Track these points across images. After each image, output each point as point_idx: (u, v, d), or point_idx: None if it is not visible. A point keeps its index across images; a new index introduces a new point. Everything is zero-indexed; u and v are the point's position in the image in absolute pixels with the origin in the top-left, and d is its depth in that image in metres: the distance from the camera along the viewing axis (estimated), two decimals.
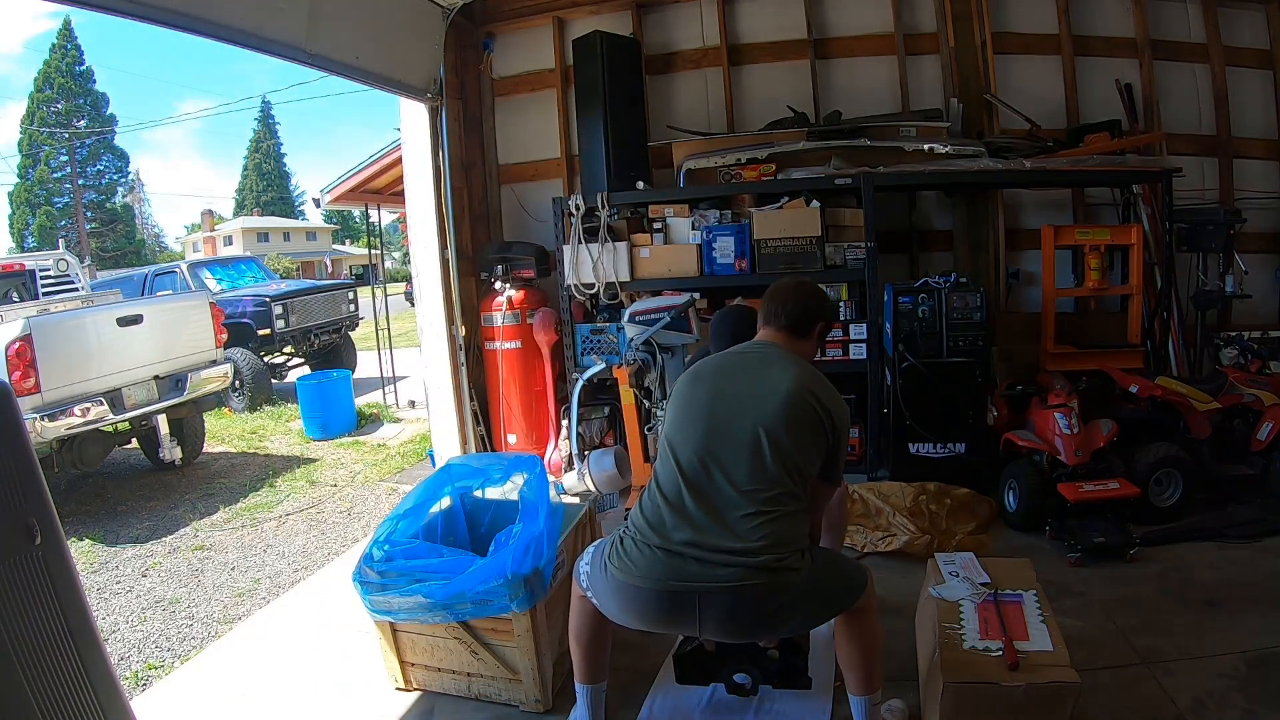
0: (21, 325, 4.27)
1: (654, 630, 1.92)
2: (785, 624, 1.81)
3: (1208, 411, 3.33)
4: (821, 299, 2.06)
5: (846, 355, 3.89)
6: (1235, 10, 4.19)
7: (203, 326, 5.50)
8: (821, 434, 1.81)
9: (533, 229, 4.73)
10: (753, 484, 1.73)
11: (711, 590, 1.69)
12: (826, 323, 2.03)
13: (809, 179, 3.87)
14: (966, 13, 4.26)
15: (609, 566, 1.80)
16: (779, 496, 1.73)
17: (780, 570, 1.70)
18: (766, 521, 1.70)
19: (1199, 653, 2.27)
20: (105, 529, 4.43)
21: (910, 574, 2.72)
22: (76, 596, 1.68)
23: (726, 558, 1.68)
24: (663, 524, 1.75)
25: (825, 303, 2.06)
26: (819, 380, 1.87)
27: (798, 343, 1.97)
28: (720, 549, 1.69)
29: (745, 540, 1.69)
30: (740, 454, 1.75)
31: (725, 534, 1.70)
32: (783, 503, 1.73)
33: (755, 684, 2.10)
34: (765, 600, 1.71)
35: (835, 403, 1.85)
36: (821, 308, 2.02)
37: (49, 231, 30.11)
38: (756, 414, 1.78)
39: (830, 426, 1.82)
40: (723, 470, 1.75)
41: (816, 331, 2.01)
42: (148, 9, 2.46)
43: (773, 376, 1.83)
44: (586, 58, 4.23)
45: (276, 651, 2.73)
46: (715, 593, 1.69)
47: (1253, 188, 4.24)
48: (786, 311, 1.97)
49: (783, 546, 1.71)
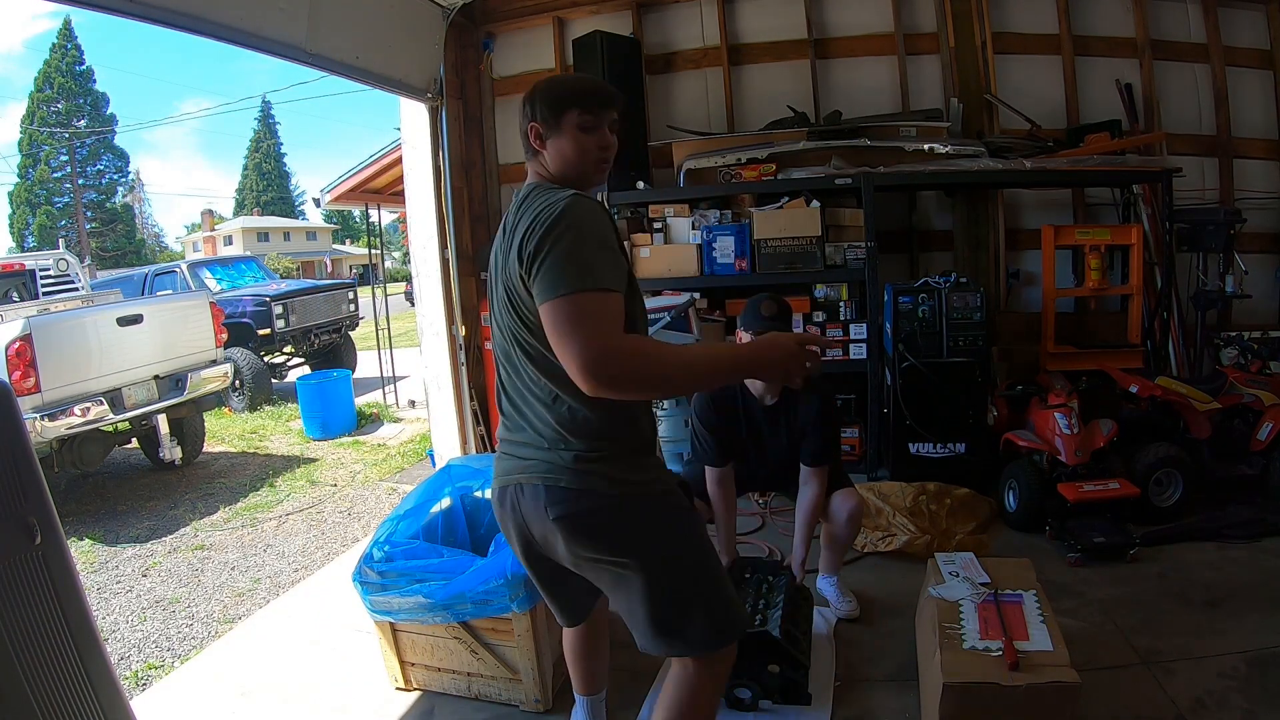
0: (21, 325, 4.26)
1: (525, 564, 1.62)
2: (598, 552, 1.45)
3: (1208, 411, 3.33)
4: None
5: (846, 355, 3.89)
6: (1235, 10, 4.19)
7: (203, 326, 5.50)
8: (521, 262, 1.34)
9: None
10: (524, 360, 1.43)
11: (518, 485, 1.48)
12: (584, 109, 1.45)
13: (809, 179, 3.87)
14: (966, 13, 4.26)
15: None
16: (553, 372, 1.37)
17: (582, 472, 1.41)
18: (554, 404, 1.42)
19: (1199, 653, 2.27)
20: (105, 529, 4.43)
21: (910, 574, 2.72)
22: (76, 596, 1.68)
23: (524, 449, 1.48)
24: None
25: (578, 85, 1.54)
26: (535, 197, 1.40)
27: (544, 155, 1.51)
28: (518, 442, 1.49)
29: (536, 428, 1.46)
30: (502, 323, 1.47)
31: (522, 424, 1.49)
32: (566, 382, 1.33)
33: (755, 699, 2.10)
34: (570, 503, 1.42)
35: (536, 215, 1.35)
36: (569, 90, 1.49)
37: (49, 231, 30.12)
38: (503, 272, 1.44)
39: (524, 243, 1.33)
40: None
41: (564, 122, 1.46)
42: (148, 9, 2.46)
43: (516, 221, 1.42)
44: (587, 58, 4.23)
45: (276, 651, 2.73)
46: (520, 487, 1.48)
47: (1253, 188, 4.24)
48: (526, 111, 1.52)
49: (579, 439, 1.41)
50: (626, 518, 1.45)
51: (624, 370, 1.22)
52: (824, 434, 2.46)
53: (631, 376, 1.23)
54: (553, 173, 1.51)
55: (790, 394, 2.48)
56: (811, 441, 2.45)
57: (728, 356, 1.39)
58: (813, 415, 2.44)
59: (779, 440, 2.51)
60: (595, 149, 1.49)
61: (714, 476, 2.53)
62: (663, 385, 1.32)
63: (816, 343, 1.30)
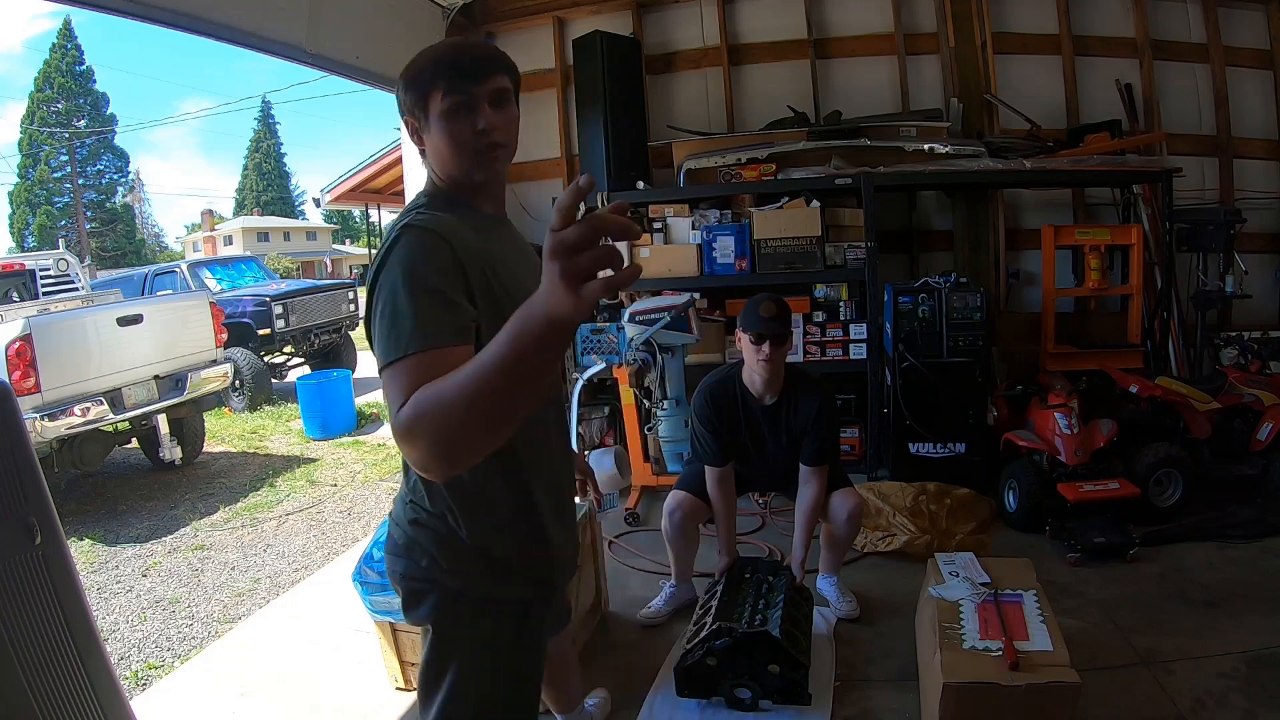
0: (21, 325, 4.26)
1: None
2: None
3: (1208, 411, 3.33)
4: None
5: (846, 355, 3.89)
6: (1235, 10, 4.19)
7: (203, 326, 5.50)
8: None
9: (533, 229, 4.72)
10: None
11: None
12: (449, 87, 1.15)
13: (809, 179, 3.87)
14: (966, 13, 4.26)
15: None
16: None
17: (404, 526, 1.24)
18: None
19: (1199, 653, 2.27)
20: (105, 529, 4.43)
21: (910, 574, 2.72)
22: (76, 596, 1.68)
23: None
24: None
25: (440, 56, 1.19)
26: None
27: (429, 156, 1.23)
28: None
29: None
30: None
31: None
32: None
33: (755, 699, 2.10)
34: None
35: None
36: (428, 66, 1.17)
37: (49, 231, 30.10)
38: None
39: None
40: None
41: (431, 109, 1.17)
42: (148, 9, 2.46)
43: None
44: (587, 57, 4.23)
45: (276, 651, 2.73)
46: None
47: (1253, 188, 4.24)
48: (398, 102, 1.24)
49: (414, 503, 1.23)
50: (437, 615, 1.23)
51: (415, 437, 0.86)
52: (823, 433, 2.46)
53: (424, 438, 0.85)
54: (438, 177, 1.23)
55: (790, 393, 2.48)
56: (811, 441, 2.45)
57: (506, 330, 0.77)
58: (812, 415, 2.44)
59: (779, 440, 2.51)
60: (472, 136, 1.15)
61: (714, 476, 2.52)
62: (455, 429, 0.83)
63: (603, 226, 0.69)
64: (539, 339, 0.73)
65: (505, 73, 1.19)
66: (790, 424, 2.48)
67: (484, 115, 1.16)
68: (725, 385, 2.52)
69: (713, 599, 2.27)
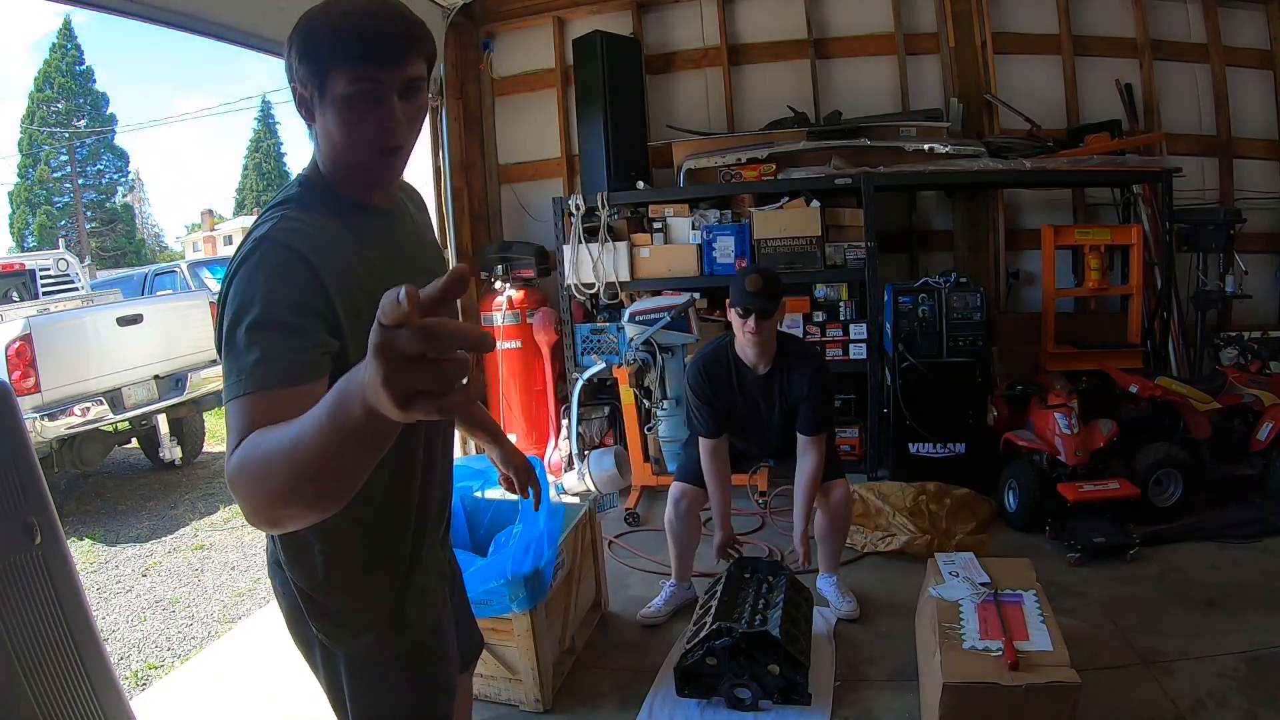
0: (21, 325, 4.27)
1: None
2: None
3: (1208, 411, 3.33)
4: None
5: (846, 355, 3.89)
6: (1235, 10, 4.18)
7: (203, 326, 5.50)
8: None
9: (533, 229, 4.72)
10: None
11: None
12: (354, 69, 0.95)
13: (809, 179, 3.86)
14: (966, 13, 4.25)
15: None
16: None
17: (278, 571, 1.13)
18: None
19: (1199, 653, 2.27)
20: (105, 529, 4.43)
21: (910, 574, 2.72)
22: (76, 596, 1.68)
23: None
24: None
25: (347, 24, 0.98)
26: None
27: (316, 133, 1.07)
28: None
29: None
30: None
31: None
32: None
33: (756, 699, 2.10)
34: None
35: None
36: (332, 33, 0.96)
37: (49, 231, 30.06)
38: None
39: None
40: None
41: (330, 88, 0.97)
42: (148, 9, 2.46)
43: None
44: (586, 57, 4.23)
45: (276, 651, 2.72)
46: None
47: (1253, 188, 4.23)
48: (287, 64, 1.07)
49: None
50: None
51: (235, 487, 0.74)
52: (818, 401, 2.45)
53: (242, 491, 0.74)
54: (323, 162, 1.04)
55: (784, 363, 2.48)
56: (806, 409, 2.45)
57: (325, 407, 0.64)
58: (806, 383, 2.44)
59: (774, 409, 2.52)
60: (374, 133, 0.97)
61: (708, 448, 2.53)
62: (273, 493, 0.71)
63: (446, 337, 0.54)
64: (361, 429, 0.60)
65: (423, 55, 0.98)
66: (785, 393, 2.48)
67: (391, 109, 0.96)
68: (718, 357, 2.53)
69: (713, 599, 2.27)
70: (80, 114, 32.54)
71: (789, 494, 3.68)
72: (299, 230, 0.95)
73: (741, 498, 3.67)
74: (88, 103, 32.81)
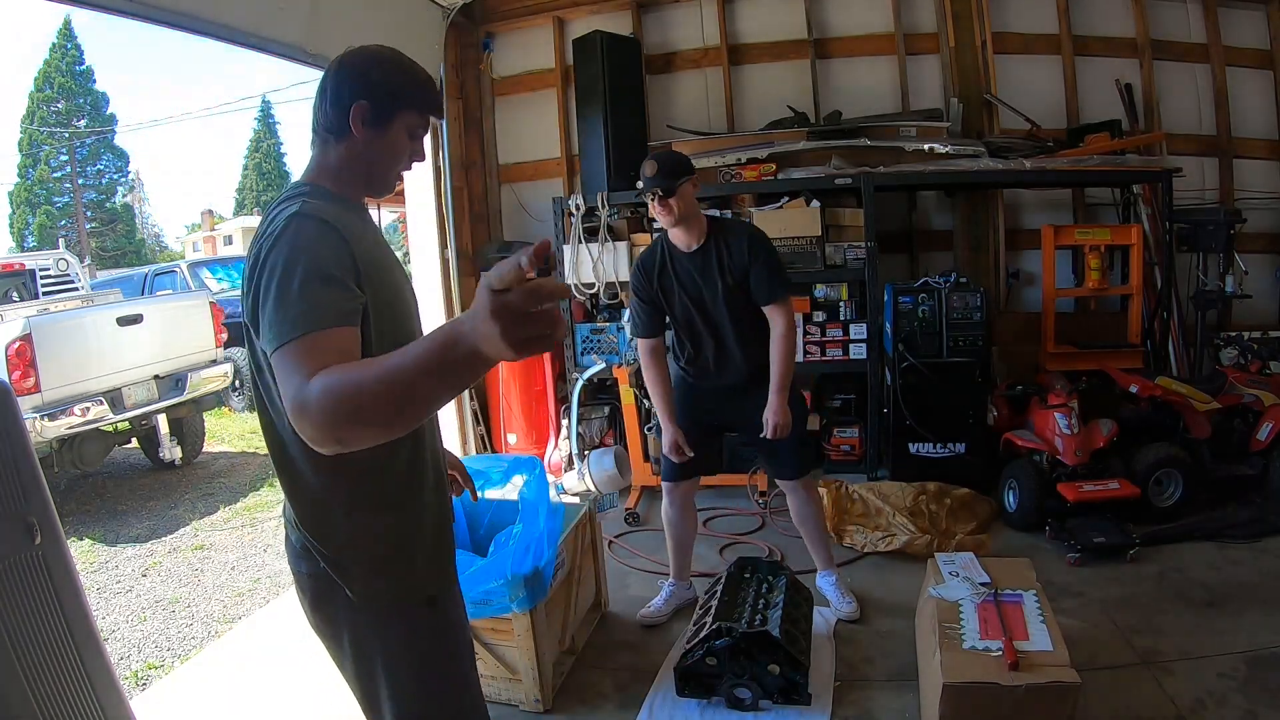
0: (21, 325, 4.27)
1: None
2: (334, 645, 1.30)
3: (1208, 411, 3.33)
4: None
5: (846, 355, 3.89)
6: (1235, 10, 4.18)
7: (203, 326, 5.51)
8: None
9: (533, 229, 4.73)
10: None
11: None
12: (422, 114, 1.28)
13: (809, 179, 3.87)
14: (966, 13, 4.25)
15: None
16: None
17: (312, 550, 1.23)
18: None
19: (1199, 653, 2.27)
20: (105, 529, 4.43)
21: (910, 574, 2.72)
22: (76, 596, 1.68)
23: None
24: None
25: (420, 79, 1.30)
26: (271, 210, 1.19)
27: (347, 144, 1.29)
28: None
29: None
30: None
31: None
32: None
33: (756, 699, 2.10)
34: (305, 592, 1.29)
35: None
36: (412, 83, 1.27)
37: (49, 231, 30.05)
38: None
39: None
40: None
41: (397, 120, 1.25)
42: (148, 9, 2.46)
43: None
44: (586, 57, 4.23)
45: (277, 651, 2.73)
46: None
47: (1253, 188, 4.23)
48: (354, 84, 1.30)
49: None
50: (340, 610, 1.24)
51: (320, 412, 0.89)
52: (764, 265, 2.43)
53: (329, 415, 0.89)
54: (342, 169, 1.24)
55: (717, 237, 2.47)
56: (756, 278, 2.43)
57: (432, 347, 0.81)
58: (744, 251, 2.43)
59: (716, 289, 2.46)
60: (407, 160, 1.29)
61: (646, 349, 2.55)
62: (363, 414, 0.87)
63: (549, 293, 0.73)
64: (463, 364, 0.79)
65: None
66: (727, 268, 2.44)
67: (421, 148, 1.30)
68: (652, 250, 2.57)
69: (713, 599, 2.28)
70: (80, 114, 32.53)
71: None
72: (324, 208, 1.14)
73: (741, 498, 3.68)
74: (88, 103, 32.80)
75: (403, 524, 1.26)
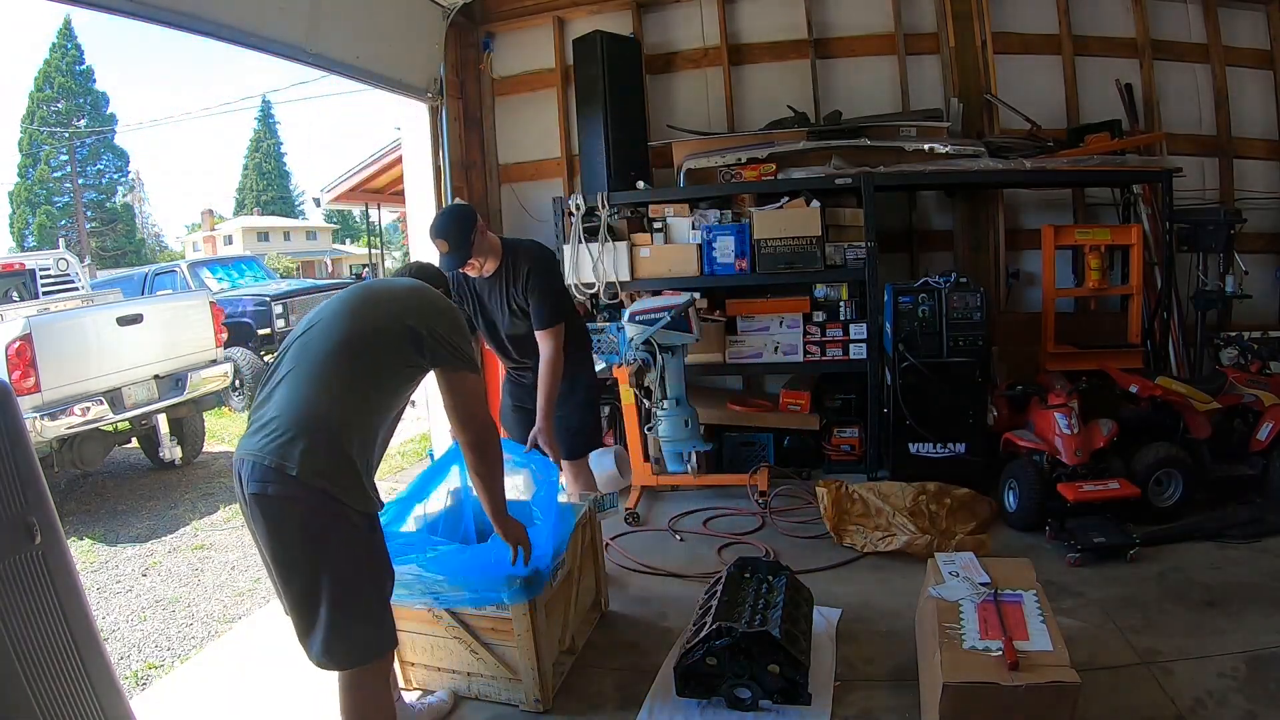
0: (21, 325, 4.27)
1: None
2: (281, 555, 1.66)
3: (1208, 411, 3.33)
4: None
5: (846, 355, 3.90)
6: (1235, 10, 4.19)
7: (203, 326, 5.50)
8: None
9: (533, 229, 4.72)
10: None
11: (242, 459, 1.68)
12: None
13: (809, 179, 3.87)
14: (966, 13, 4.26)
15: None
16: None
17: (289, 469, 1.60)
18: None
19: (1199, 653, 2.27)
20: (105, 529, 4.43)
21: (910, 574, 2.72)
22: (76, 596, 1.68)
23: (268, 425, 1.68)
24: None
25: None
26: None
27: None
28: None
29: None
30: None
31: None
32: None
33: (755, 699, 2.10)
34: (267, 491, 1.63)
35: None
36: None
37: (49, 231, 30.05)
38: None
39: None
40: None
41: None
42: (148, 9, 2.46)
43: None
44: (587, 57, 4.23)
45: (277, 651, 2.72)
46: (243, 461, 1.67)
47: (1253, 188, 4.24)
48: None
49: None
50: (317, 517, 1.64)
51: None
52: (539, 294, 2.56)
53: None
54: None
55: (510, 264, 2.61)
56: (532, 306, 2.58)
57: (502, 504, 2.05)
58: (524, 282, 2.57)
59: (502, 311, 2.67)
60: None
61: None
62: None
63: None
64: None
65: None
66: (512, 294, 2.61)
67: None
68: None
69: (713, 599, 2.28)
70: (80, 114, 32.53)
71: (788, 494, 3.72)
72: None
73: (741, 498, 3.68)
74: (88, 103, 32.80)
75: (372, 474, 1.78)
